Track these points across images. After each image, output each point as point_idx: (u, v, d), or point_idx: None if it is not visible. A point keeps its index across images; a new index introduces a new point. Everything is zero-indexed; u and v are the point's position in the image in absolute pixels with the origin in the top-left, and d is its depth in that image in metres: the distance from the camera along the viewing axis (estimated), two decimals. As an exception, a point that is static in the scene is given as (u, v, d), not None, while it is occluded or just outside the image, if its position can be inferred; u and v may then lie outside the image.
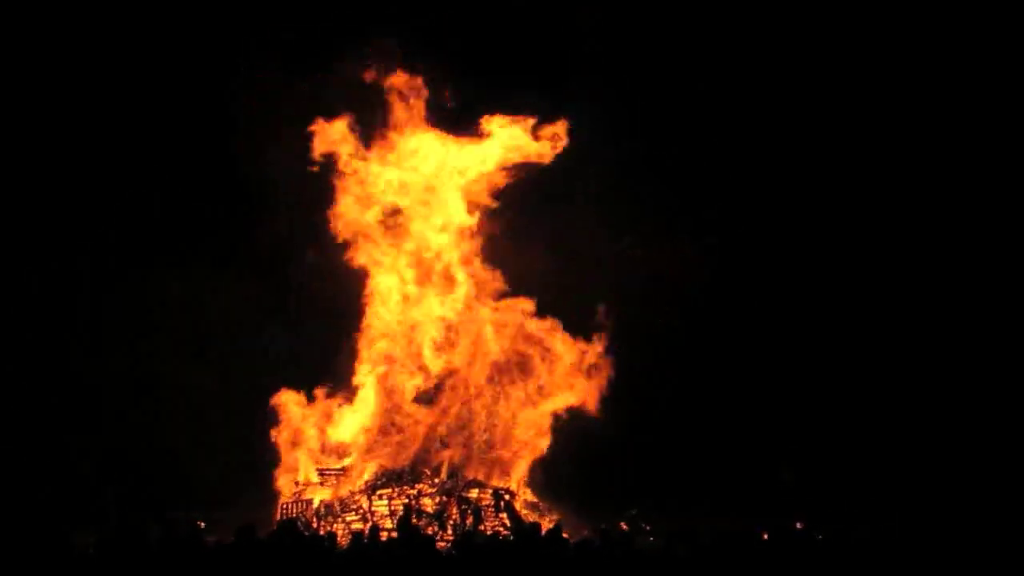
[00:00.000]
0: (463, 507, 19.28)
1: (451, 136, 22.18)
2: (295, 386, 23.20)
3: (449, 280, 22.03)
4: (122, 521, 13.32)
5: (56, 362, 27.02)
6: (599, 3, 25.50)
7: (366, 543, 13.77)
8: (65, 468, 25.74)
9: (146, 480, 25.38)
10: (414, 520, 18.32)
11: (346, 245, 22.50)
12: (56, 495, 23.87)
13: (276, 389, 23.57)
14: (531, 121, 21.87)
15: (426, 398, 21.36)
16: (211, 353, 27.56)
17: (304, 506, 19.84)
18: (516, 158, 21.96)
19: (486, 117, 21.94)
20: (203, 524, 14.30)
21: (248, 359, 27.62)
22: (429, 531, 18.25)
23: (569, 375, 21.47)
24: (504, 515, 19.35)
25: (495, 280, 22.05)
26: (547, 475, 21.67)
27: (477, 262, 22.20)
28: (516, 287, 22.16)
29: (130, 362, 27.34)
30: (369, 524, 18.27)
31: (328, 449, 21.50)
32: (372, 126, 22.94)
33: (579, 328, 22.40)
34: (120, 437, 26.49)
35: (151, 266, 27.42)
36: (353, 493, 19.92)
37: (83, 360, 27.19)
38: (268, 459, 23.97)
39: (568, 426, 21.79)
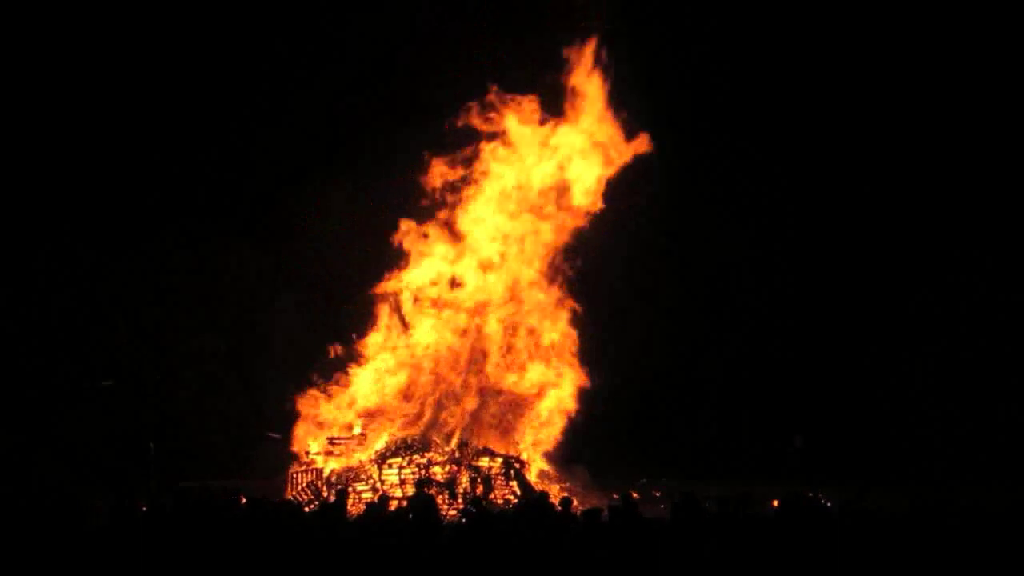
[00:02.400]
0: (473, 476, 19.25)
1: None
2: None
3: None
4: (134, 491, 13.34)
5: (68, 330, 27.11)
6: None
7: (376, 512, 13.73)
8: (80, 438, 25.89)
9: (161, 449, 25.50)
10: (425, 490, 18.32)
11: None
12: (68, 465, 24.04)
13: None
14: None
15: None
16: (224, 321, 27.64)
17: (315, 475, 19.84)
18: None
19: None
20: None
21: (261, 327, 27.71)
22: (439, 500, 18.17)
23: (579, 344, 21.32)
24: (514, 483, 19.31)
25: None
26: (560, 443, 21.56)
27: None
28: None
29: (143, 331, 27.43)
30: (379, 493, 18.26)
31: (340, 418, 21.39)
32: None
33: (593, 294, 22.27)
34: (133, 406, 26.63)
35: (164, 236, 27.51)
36: (363, 462, 19.90)
37: (95, 328, 27.30)
38: (281, 427, 24.10)
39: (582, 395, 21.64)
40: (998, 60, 26.22)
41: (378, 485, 19.18)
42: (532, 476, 20.11)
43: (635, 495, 17.20)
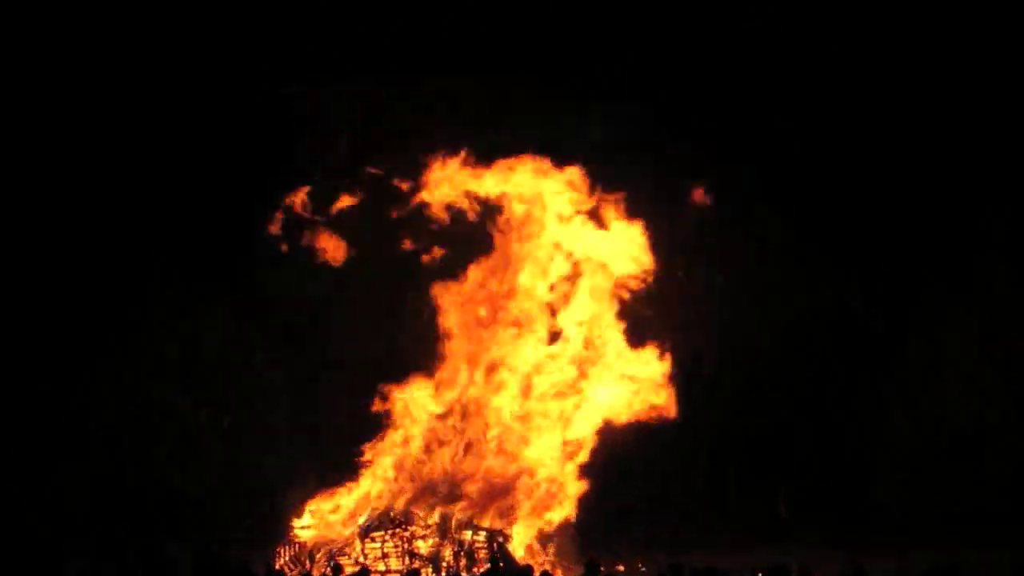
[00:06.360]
0: (456, 550, 19.14)
1: None
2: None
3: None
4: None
5: (46, 390, 26.93)
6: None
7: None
8: (56, 498, 25.69)
9: (147, 514, 25.32)
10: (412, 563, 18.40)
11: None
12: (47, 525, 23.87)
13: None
14: None
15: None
16: (203, 382, 27.53)
17: (297, 548, 19.73)
18: None
19: None
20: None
21: (243, 389, 27.60)
22: (423, 574, 18.10)
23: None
24: (497, 556, 19.13)
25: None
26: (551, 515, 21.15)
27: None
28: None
29: (122, 391, 27.29)
30: (360, 567, 18.14)
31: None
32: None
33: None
34: (113, 468, 26.44)
35: (147, 295, 27.45)
36: (346, 536, 19.74)
37: (76, 389, 27.14)
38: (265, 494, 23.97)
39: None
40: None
41: (361, 559, 19.07)
42: (519, 549, 19.90)
43: (602, 568, 16.89)
